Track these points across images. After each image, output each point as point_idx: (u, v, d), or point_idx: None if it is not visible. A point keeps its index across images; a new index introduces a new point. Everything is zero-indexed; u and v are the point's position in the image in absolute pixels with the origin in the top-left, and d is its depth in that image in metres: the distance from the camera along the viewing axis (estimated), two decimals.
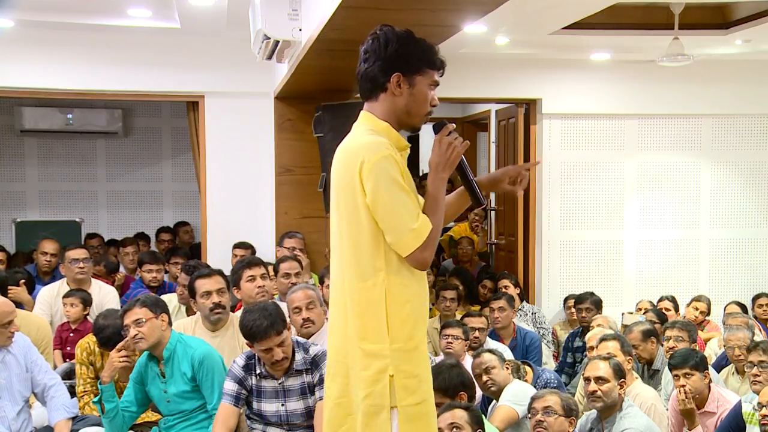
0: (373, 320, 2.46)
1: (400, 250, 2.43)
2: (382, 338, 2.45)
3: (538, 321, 6.73)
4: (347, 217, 2.48)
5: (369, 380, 2.45)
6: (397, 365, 2.45)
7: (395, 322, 2.46)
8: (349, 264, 2.50)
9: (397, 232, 2.42)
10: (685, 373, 4.24)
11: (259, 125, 6.90)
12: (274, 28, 4.79)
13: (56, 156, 9.33)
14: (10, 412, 4.11)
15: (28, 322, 4.85)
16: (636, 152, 7.63)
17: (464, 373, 3.96)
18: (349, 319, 2.50)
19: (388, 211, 2.41)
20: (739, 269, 7.77)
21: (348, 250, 2.50)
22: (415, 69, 2.50)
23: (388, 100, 2.51)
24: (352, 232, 2.48)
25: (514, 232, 7.75)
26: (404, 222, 2.41)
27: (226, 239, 6.82)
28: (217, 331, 4.58)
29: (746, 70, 7.49)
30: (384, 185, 2.40)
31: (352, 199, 2.45)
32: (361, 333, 2.47)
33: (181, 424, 4.04)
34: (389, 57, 2.48)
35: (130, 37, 6.66)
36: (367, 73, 2.51)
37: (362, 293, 2.47)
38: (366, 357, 2.46)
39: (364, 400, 2.46)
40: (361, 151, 2.43)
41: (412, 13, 3.76)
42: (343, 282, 2.52)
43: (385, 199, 2.40)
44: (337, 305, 2.58)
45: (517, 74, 7.36)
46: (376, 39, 2.50)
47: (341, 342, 2.55)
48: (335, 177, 2.53)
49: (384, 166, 2.40)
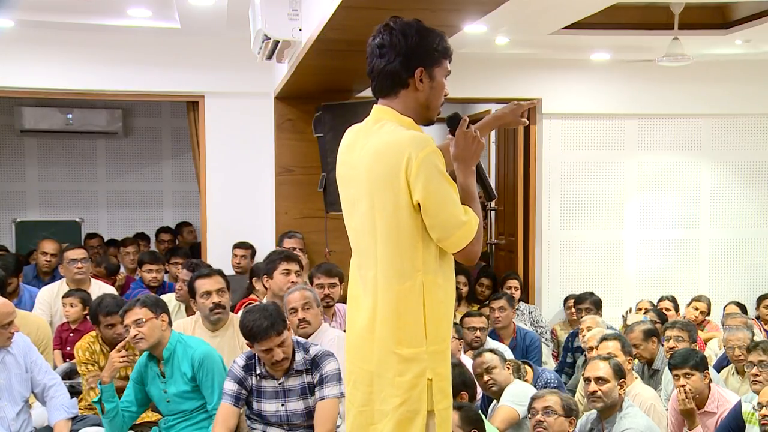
0: (411, 323, 2.36)
1: (452, 245, 2.35)
2: (419, 341, 2.36)
3: (536, 320, 6.74)
4: (385, 216, 2.35)
5: (406, 386, 2.36)
6: (434, 368, 2.37)
7: (432, 324, 2.37)
8: (385, 265, 2.37)
9: (450, 228, 2.32)
10: (686, 373, 4.23)
11: (259, 125, 6.90)
12: (274, 28, 4.79)
13: (56, 156, 9.33)
14: (10, 412, 4.11)
15: (27, 322, 4.85)
16: (636, 152, 7.62)
17: (465, 372, 3.96)
18: (380, 323, 2.39)
19: (441, 207, 2.31)
20: (739, 269, 7.77)
21: (385, 250, 2.37)
22: (434, 61, 2.43)
23: (410, 95, 2.42)
24: (391, 232, 2.35)
25: (514, 232, 7.75)
26: (456, 217, 2.32)
27: (226, 239, 6.82)
28: (217, 331, 4.58)
29: (746, 70, 7.49)
30: (435, 181, 2.29)
31: (393, 197, 2.33)
32: (397, 337, 2.36)
33: (181, 424, 4.05)
34: (411, 51, 2.38)
35: (130, 37, 6.66)
36: (387, 70, 2.39)
37: (400, 295, 2.36)
38: (402, 362, 2.36)
39: (400, 407, 2.36)
40: (406, 146, 2.30)
41: (412, 13, 3.73)
42: (376, 285, 2.40)
43: (438, 194, 2.30)
44: (361, 309, 2.46)
45: (517, 74, 7.36)
46: (392, 32, 2.40)
47: (366, 348, 2.44)
48: (370, 173, 2.37)
49: (433, 160, 2.30)
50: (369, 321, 2.42)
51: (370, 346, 2.42)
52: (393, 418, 2.38)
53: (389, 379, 2.38)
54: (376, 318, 2.40)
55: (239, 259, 6.68)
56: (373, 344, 2.41)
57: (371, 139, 2.41)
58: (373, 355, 2.41)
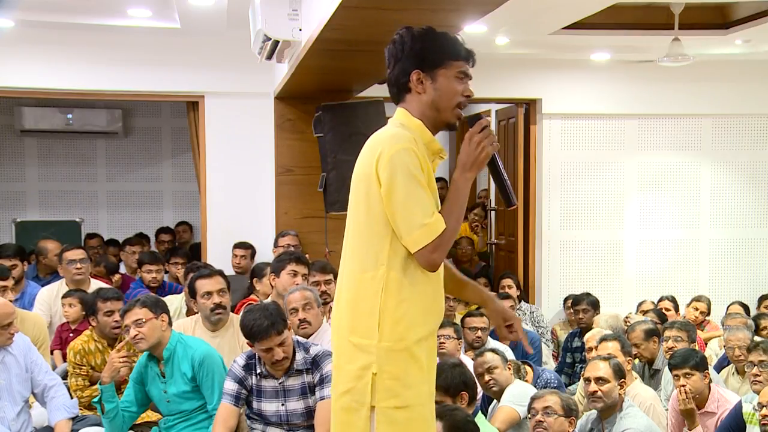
0: (365, 314, 2.38)
1: (409, 245, 2.36)
2: (370, 334, 2.37)
3: (537, 320, 6.74)
4: (358, 207, 2.44)
5: (352, 375, 2.39)
6: (381, 364, 2.36)
7: (387, 320, 2.37)
8: (352, 254, 2.44)
9: (407, 226, 2.34)
10: (685, 373, 4.23)
11: (259, 125, 6.90)
12: (274, 28, 4.79)
13: (56, 156, 9.33)
14: (10, 412, 4.11)
15: (24, 320, 4.85)
16: (636, 152, 7.62)
17: (466, 372, 3.95)
18: (339, 310, 2.47)
19: (401, 204, 2.34)
20: (739, 269, 7.77)
21: (354, 239, 2.45)
22: (435, 63, 2.46)
23: (414, 98, 2.48)
24: (361, 222, 2.42)
25: (514, 232, 7.75)
26: (416, 217, 2.34)
27: (226, 239, 6.82)
28: (217, 331, 4.58)
29: (746, 70, 7.49)
30: (399, 177, 2.33)
31: (365, 189, 2.40)
32: (352, 325, 2.41)
33: (181, 424, 4.05)
34: (406, 56, 2.46)
35: (130, 37, 6.66)
36: (391, 78, 2.52)
37: (359, 284, 2.40)
38: (353, 350, 2.39)
39: (345, 395, 2.41)
40: (382, 142, 2.40)
41: (412, 13, 3.76)
42: (343, 274, 2.47)
43: (399, 191, 2.34)
44: (336, 298, 2.52)
45: (517, 74, 7.36)
46: (394, 42, 2.50)
47: (335, 335, 2.50)
48: (356, 168, 2.48)
49: (402, 157, 2.34)
50: (335, 308, 2.51)
51: (337, 332, 2.48)
52: (339, 404, 2.44)
53: (340, 366, 2.45)
54: (339, 304, 2.48)
55: (239, 259, 6.68)
56: (334, 331, 2.50)
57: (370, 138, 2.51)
58: (334, 341, 2.50)
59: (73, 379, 4.55)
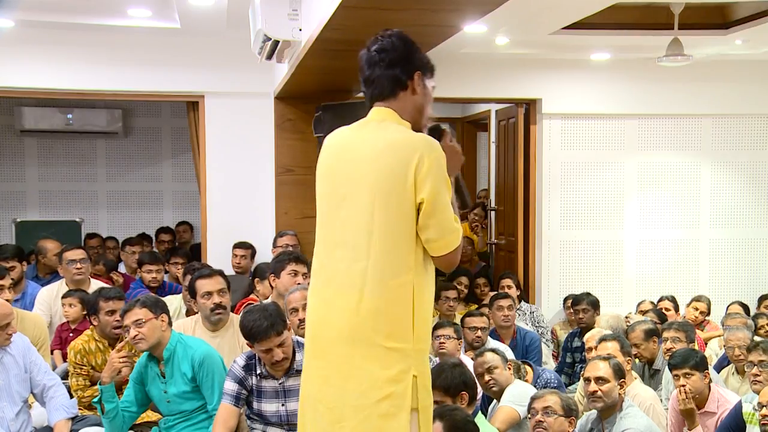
0: (401, 319, 2.39)
1: (440, 248, 2.42)
2: (407, 337, 2.39)
3: (537, 320, 6.73)
4: (388, 211, 2.39)
5: (390, 380, 2.37)
6: (418, 366, 2.41)
7: (419, 323, 2.41)
8: (379, 260, 2.40)
9: (444, 231, 2.40)
10: (685, 373, 4.23)
11: (259, 125, 6.90)
12: (274, 28, 4.79)
13: (56, 156, 9.33)
14: (9, 412, 4.11)
15: (24, 319, 4.86)
16: (636, 152, 7.62)
17: (466, 372, 3.95)
18: (367, 315, 2.40)
19: (443, 210, 2.39)
20: (739, 269, 7.76)
21: (382, 244, 2.40)
22: (428, 71, 2.56)
23: (408, 98, 2.51)
24: (392, 227, 2.39)
25: (514, 232, 7.74)
26: (451, 221, 2.42)
27: (226, 239, 6.82)
28: (217, 332, 4.58)
29: (746, 70, 7.49)
30: (441, 183, 2.39)
31: (398, 193, 2.38)
32: (386, 331, 2.38)
33: (181, 424, 4.05)
34: (411, 56, 2.50)
35: (130, 37, 6.66)
36: (388, 73, 2.49)
37: (391, 290, 2.39)
38: (389, 356, 2.38)
39: (384, 401, 2.37)
40: (419, 145, 2.39)
41: (412, 13, 3.76)
42: (364, 277, 2.40)
43: (441, 196, 2.39)
44: (343, 301, 2.45)
45: (517, 74, 7.36)
46: (391, 38, 2.50)
47: (345, 338, 2.42)
48: (376, 167, 2.42)
49: (442, 164, 2.40)
50: (352, 313, 2.41)
51: (351, 339, 2.41)
52: (374, 412, 2.37)
53: (373, 372, 2.38)
54: (361, 310, 2.40)
55: (239, 259, 6.69)
56: (355, 337, 2.41)
57: (377, 134, 2.47)
58: (355, 348, 2.41)
59: (74, 379, 4.55)
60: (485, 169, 9.70)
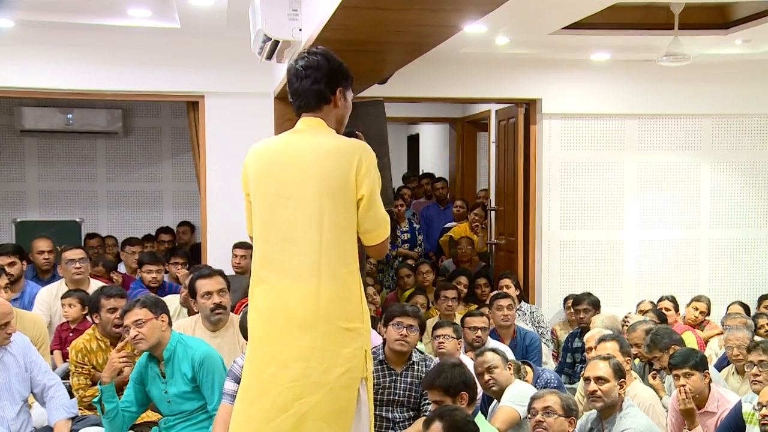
0: (353, 302, 2.74)
1: (374, 238, 2.78)
2: (358, 318, 2.74)
3: (537, 320, 6.73)
4: (335, 209, 2.70)
5: (348, 356, 2.70)
6: (366, 341, 2.77)
7: (364, 306, 2.78)
8: (331, 252, 2.70)
9: (378, 223, 2.77)
10: (685, 372, 4.23)
11: (259, 125, 6.89)
12: (274, 28, 4.78)
13: (56, 156, 9.33)
14: (10, 412, 4.11)
15: (23, 319, 4.86)
16: (636, 152, 7.62)
17: (467, 372, 3.95)
18: (327, 302, 2.69)
19: (378, 204, 2.76)
20: (739, 269, 7.77)
21: (332, 239, 2.70)
22: (348, 84, 2.88)
23: (331, 110, 2.83)
24: (340, 222, 2.71)
25: (514, 232, 7.75)
26: (384, 214, 2.79)
27: (226, 239, 6.81)
28: (217, 332, 4.58)
29: (746, 70, 7.49)
30: (376, 182, 2.75)
31: (343, 192, 2.70)
32: (343, 314, 2.70)
33: (182, 424, 4.04)
34: (334, 73, 2.82)
35: (130, 37, 6.66)
36: (314, 88, 2.79)
37: (343, 278, 2.71)
38: (348, 335, 2.71)
39: (343, 375, 2.69)
40: (356, 150, 2.73)
41: (412, 13, 3.76)
42: (319, 269, 2.68)
43: (376, 193, 2.75)
44: (301, 292, 2.70)
45: (517, 74, 7.36)
46: (317, 56, 2.81)
47: (308, 326, 2.68)
48: (319, 169, 2.71)
49: (376, 165, 2.76)
50: (311, 302, 2.69)
51: (313, 325, 2.69)
52: (336, 386, 2.68)
53: (335, 352, 2.69)
54: (320, 298, 2.69)
55: (239, 259, 6.68)
56: (317, 323, 2.69)
57: (315, 140, 2.77)
58: (317, 332, 2.69)
59: (75, 378, 4.55)
60: (485, 169, 9.70)
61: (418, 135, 12.59)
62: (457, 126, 10.32)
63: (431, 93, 7.39)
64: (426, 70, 6.91)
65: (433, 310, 6.60)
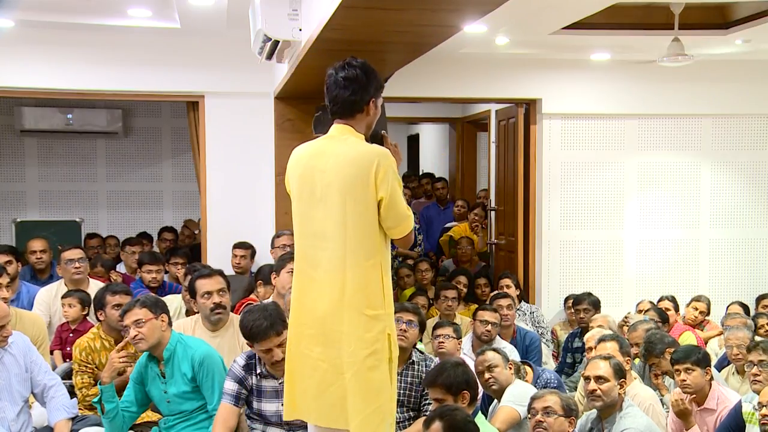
0: (375, 291, 3.03)
1: (399, 232, 3.09)
2: (380, 305, 3.04)
3: (537, 320, 6.73)
4: (358, 208, 3.02)
5: (371, 340, 3.01)
6: (390, 325, 3.07)
7: (387, 292, 3.07)
8: (355, 247, 3.03)
9: (401, 218, 3.07)
10: (687, 368, 4.24)
11: (259, 125, 6.90)
12: (274, 28, 4.79)
13: (56, 156, 9.33)
14: (10, 412, 4.11)
15: (23, 320, 4.86)
16: (636, 152, 7.62)
17: (468, 372, 3.96)
18: (349, 292, 3.02)
19: (398, 203, 3.05)
20: (739, 269, 7.76)
21: (355, 235, 3.03)
22: (380, 93, 3.19)
23: (363, 118, 3.15)
24: (361, 221, 3.03)
25: (514, 232, 7.75)
26: (405, 211, 3.09)
27: (226, 239, 6.82)
28: (217, 331, 4.58)
29: (746, 70, 7.49)
30: (395, 183, 3.04)
31: (363, 195, 3.01)
32: (366, 302, 3.01)
33: (182, 424, 4.05)
34: (368, 84, 3.11)
35: (130, 37, 6.66)
36: (351, 99, 3.09)
37: (366, 270, 3.03)
38: (369, 321, 3.01)
39: (368, 357, 3.00)
40: (375, 156, 3.03)
41: (412, 13, 3.76)
42: (344, 262, 3.03)
43: (396, 193, 3.04)
44: (330, 282, 3.05)
45: (517, 74, 7.36)
46: (356, 69, 3.09)
47: (337, 314, 3.03)
48: (343, 174, 3.04)
49: (394, 168, 3.06)
50: (338, 291, 3.04)
51: (340, 311, 3.03)
52: (363, 366, 3.00)
53: (358, 336, 3.01)
54: (346, 288, 3.03)
55: (239, 259, 6.68)
56: (343, 310, 3.03)
57: (341, 148, 3.07)
58: (344, 317, 3.02)
59: (79, 377, 4.55)
60: (485, 169, 9.70)
61: (418, 135, 12.59)
62: (457, 126, 10.32)
63: (431, 93, 7.39)
64: (426, 70, 6.91)
65: (434, 310, 6.60)
